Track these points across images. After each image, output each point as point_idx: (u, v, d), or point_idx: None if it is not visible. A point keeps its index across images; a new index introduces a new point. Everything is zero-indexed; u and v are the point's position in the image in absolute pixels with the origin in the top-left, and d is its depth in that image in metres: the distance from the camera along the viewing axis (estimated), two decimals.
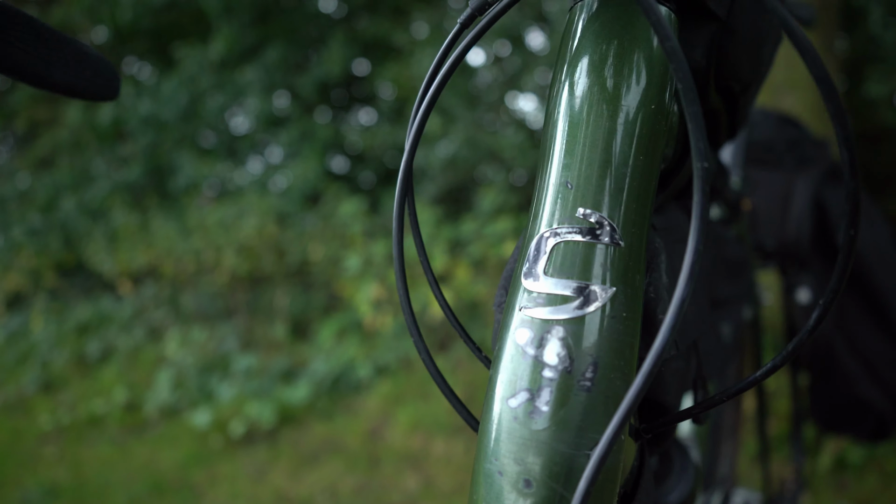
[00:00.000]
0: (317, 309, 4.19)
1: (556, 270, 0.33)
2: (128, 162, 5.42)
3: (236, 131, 5.53)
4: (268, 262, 4.30)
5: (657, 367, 0.29)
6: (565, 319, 0.32)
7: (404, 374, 3.41)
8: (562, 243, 0.33)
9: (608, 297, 0.32)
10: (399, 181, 0.40)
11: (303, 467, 2.76)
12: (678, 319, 0.29)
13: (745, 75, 0.45)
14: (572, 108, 0.35)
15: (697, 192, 0.29)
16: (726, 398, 0.37)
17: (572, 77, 0.36)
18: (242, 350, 3.91)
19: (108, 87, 0.45)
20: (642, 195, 0.34)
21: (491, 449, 0.33)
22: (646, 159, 0.35)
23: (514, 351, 0.33)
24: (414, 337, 0.40)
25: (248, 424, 3.08)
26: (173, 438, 3.16)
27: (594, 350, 0.32)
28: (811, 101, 2.55)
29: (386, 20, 4.87)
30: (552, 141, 0.36)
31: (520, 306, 0.34)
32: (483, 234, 3.62)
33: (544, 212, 0.35)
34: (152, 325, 4.49)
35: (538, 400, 0.32)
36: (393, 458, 2.76)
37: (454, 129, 4.17)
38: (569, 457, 0.31)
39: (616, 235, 0.33)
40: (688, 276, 0.29)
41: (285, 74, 4.99)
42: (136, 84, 5.53)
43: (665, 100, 0.36)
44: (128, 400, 3.57)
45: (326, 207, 4.35)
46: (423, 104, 0.40)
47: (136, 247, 4.61)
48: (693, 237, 0.29)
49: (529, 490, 0.31)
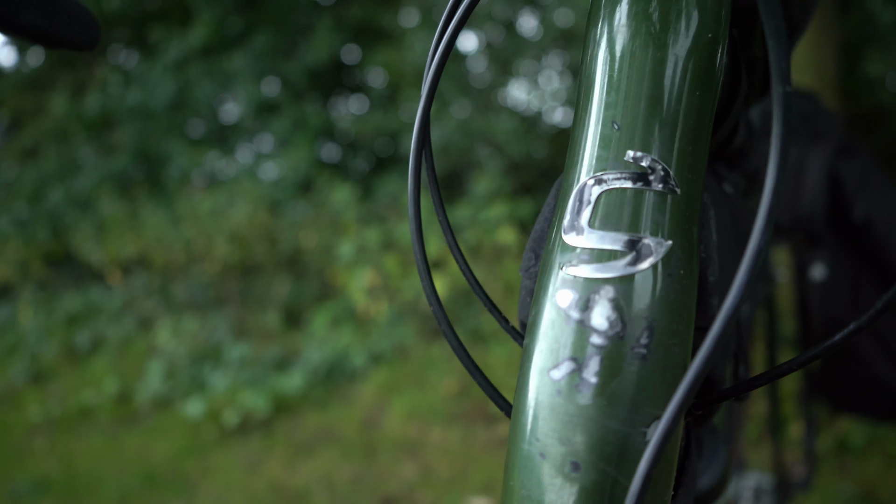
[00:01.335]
0: (310, 297, 4.15)
1: (603, 222, 0.29)
2: (115, 151, 5.35)
3: (226, 120, 5.46)
4: (260, 250, 4.25)
5: (729, 330, 0.25)
6: (615, 278, 0.28)
7: (399, 362, 3.37)
8: (609, 191, 0.29)
9: (664, 252, 0.28)
10: (415, 135, 0.36)
11: (298, 457, 2.72)
12: (754, 273, 0.25)
13: (796, 12, 0.41)
14: (614, 37, 0.31)
15: (778, 122, 0.25)
16: (781, 374, 0.33)
17: (615, 2, 0.31)
18: (235, 339, 3.86)
19: (85, 35, 0.41)
20: (698, 137, 0.30)
21: (530, 429, 0.29)
22: (701, 97, 0.30)
23: (554, 315, 0.29)
24: (434, 307, 0.36)
25: (241, 414, 3.04)
26: (166, 429, 3.11)
27: (649, 312, 0.28)
28: (809, 81, 2.52)
29: (375, 5, 4.81)
30: (592, 78, 0.31)
31: (560, 265, 0.29)
32: (478, 219, 3.58)
33: (585, 157, 0.30)
34: (143, 315, 4.43)
35: (585, 370, 0.28)
36: (389, 446, 2.72)
37: (447, 114, 4.12)
38: (623, 435, 0.27)
39: (671, 181, 0.29)
40: (765, 222, 0.25)
41: (274, 61, 4.93)
42: (124, 73, 5.44)
43: (721, 31, 0.31)
44: (119, 391, 3.52)
45: (318, 195, 4.30)
46: (440, 47, 0.35)
47: (125, 236, 4.54)
48: (771, 176, 0.25)
49: (577, 473, 0.27)
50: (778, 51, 0.25)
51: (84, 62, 5.66)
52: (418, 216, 0.36)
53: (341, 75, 5.45)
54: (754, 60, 0.46)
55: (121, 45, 5.81)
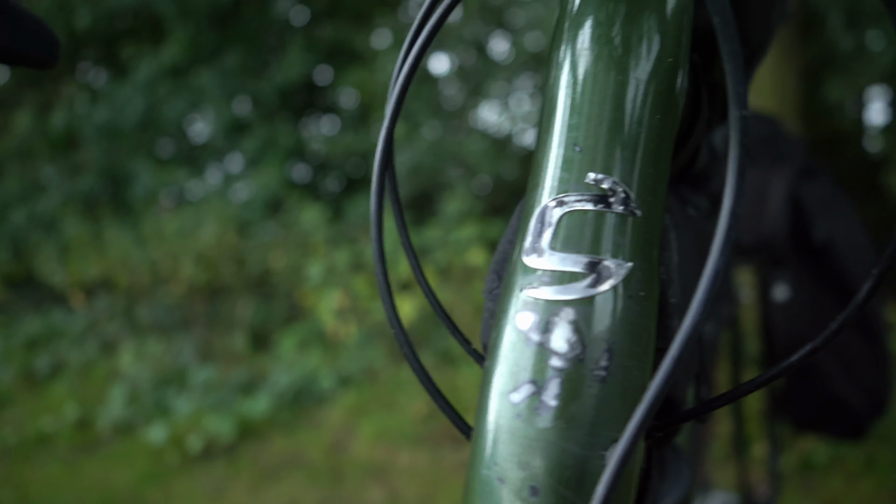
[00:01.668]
0: (278, 319, 4.10)
1: (564, 244, 0.29)
2: (81, 171, 5.26)
3: (195, 140, 5.41)
4: (227, 271, 4.19)
5: (687, 351, 0.25)
6: (576, 300, 0.28)
7: (368, 385, 3.34)
8: (570, 213, 0.29)
9: (624, 274, 0.28)
10: (377, 157, 0.36)
11: (263, 482, 2.67)
12: (712, 294, 0.25)
13: (755, 40, 0.41)
14: (577, 61, 0.31)
15: (735, 146, 0.25)
16: (740, 395, 0.33)
17: (577, 26, 0.32)
18: (200, 362, 3.79)
19: (45, 52, 0.40)
20: (659, 159, 0.30)
21: (489, 453, 0.28)
22: (661, 119, 0.31)
23: (515, 338, 0.29)
24: (395, 330, 0.36)
25: (206, 439, 2.98)
26: (127, 456, 3.04)
27: (608, 334, 0.28)
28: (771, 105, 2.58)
29: (348, 26, 4.83)
30: (555, 101, 0.31)
31: (521, 287, 0.29)
32: (448, 240, 3.59)
33: (547, 179, 0.30)
34: (105, 338, 4.34)
35: (545, 393, 0.27)
36: (357, 470, 2.69)
37: (418, 135, 4.13)
38: (582, 458, 0.27)
39: (631, 204, 0.29)
40: (723, 244, 0.25)
41: (245, 80, 4.91)
42: (91, 91, 5.37)
43: (681, 55, 0.32)
44: (79, 417, 3.42)
45: (288, 216, 4.27)
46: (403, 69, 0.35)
47: (88, 257, 4.45)
48: (728, 198, 0.25)
49: (536, 498, 0.27)
50: (735, 76, 0.25)
51: (51, 80, 5.58)
52: (380, 240, 0.35)
53: (313, 96, 5.45)
54: (716, 84, 0.47)
55: (89, 64, 5.74)
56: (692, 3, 0.33)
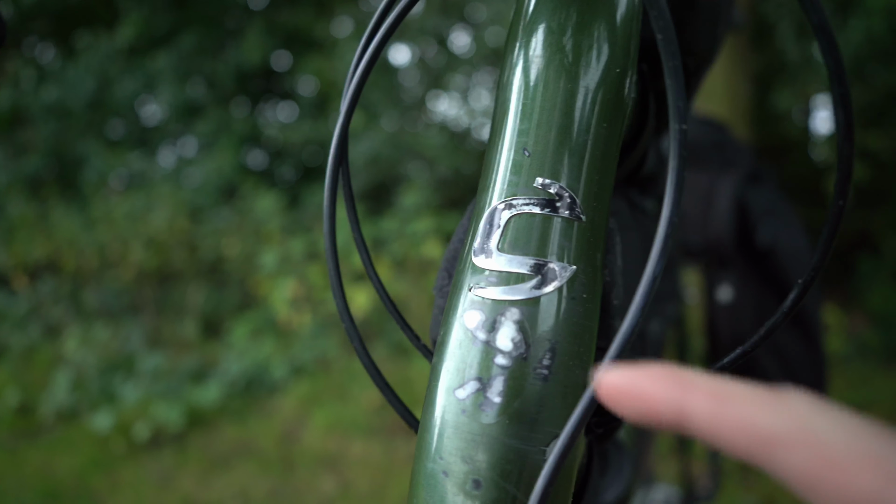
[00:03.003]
0: (230, 307, 4.04)
1: (512, 246, 0.30)
2: (27, 150, 5.09)
3: (147, 121, 5.29)
4: (179, 257, 4.11)
5: (625, 351, 0.26)
6: (521, 300, 0.29)
7: (322, 375, 3.33)
8: (518, 216, 0.30)
9: (568, 276, 0.29)
10: (332, 151, 0.36)
11: (213, 471, 2.64)
12: (650, 298, 0.26)
13: (701, 51, 0.43)
14: (529, 66, 0.32)
15: (674, 157, 0.26)
16: None
17: (530, 34, 0.32)
18: (149, 349, 3.72)
19: None
20: (605, 166, 0.31)
21: (434, 447, 0.29)
22: (608, 128, 0.32)
23: (462, 336, 0.30)
24: (346, 324, 0.36)
25: (153, 427, 2.93)
26: (71, 443, 2.96)
27: (552, 334, 0.29)
28: (723, 111, 2.64)
29: (308, 13, 4.77)
30: (506, 105, 0.32)
31: (469, 286, 0.30)
32: (404, 232, 3.58)
33: (497, 182, 0.31)
34: (50, 322, 4.21)
35: (489, 390, 0.28)
36: (308, 460, 2.68)
37: (376, 126, 4.11)
38: (523, 453, 0.28)
39: (577, 209, 0.30)
40: (660, 251, 0.26)
41: (200, 62, 4.81)
42: (38, 68, 5.20)
43: (629, 65, 0.33)
44: (20, 402, 3.33)
45: (243, 202, 4.21)
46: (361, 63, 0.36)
47: (33, 239, 4.32)
48: (667, 207, 0.26)
49: (478, 491, 0.28)
50: (676, 91, 0.26)
51: None
52: (333, 235, 0.36)
53: (270, 81, 5.37)
54: (663, 93, 0.48)
55: (36, 38, 5.55)
56: (640, 15, 0.34)
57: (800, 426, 0.19)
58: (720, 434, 0.21)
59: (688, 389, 0.22)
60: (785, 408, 0.20)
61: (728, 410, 0.21)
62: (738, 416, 0.20)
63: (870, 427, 0.19)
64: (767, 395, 0.20)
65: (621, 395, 0.24)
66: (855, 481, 0.18)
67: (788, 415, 0.20)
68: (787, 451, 0.19)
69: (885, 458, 0.18)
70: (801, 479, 0.19)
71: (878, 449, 0.18)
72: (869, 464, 0.18)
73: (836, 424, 0.19)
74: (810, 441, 0.19)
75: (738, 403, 0.21)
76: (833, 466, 0.18)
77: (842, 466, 0.18)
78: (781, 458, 0.19)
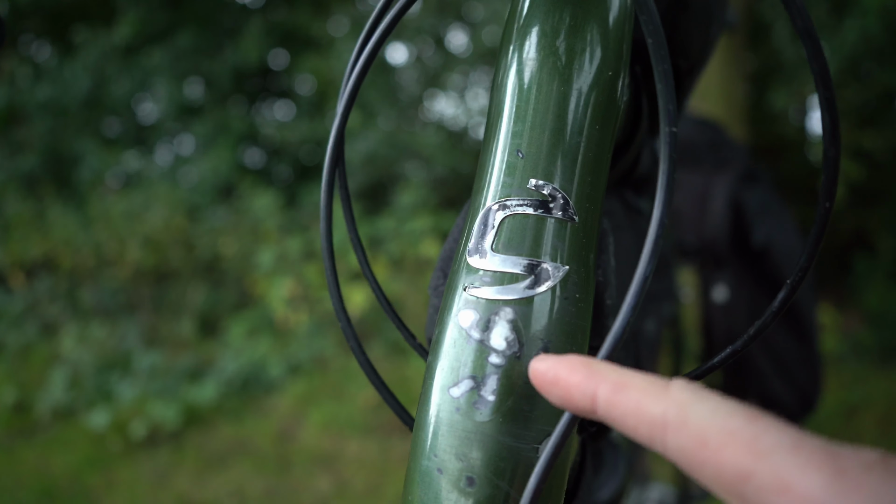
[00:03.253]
0: (227, 305, 4.04)
1: (505, 246, 0.30)
2: (23, 149, 5.07)
3: (144, 120, 5.28)
4: (175, 255, 4.11)
5: (615, 352, 0.27)
6: (515, 300, 0.29)
7: (318, 374, 3.33)
8: (512, 216, 0.30)
9: (560, 277, 0.30)
10: (329, 151, 0.36)
11: (208, 470, 2.64)
12: (640, 298, 0.26)
13: (693, 52, 0.43)
14: (523, 68, 0.32)
15: (665, 159, 0.27)
16: None
17: (524, 37, 0.33)
18: (146, 347, 3.72)
19: None
20: (597, 168, 0.32)
21: (429, 444, 0.29)
22: (601, 130, 0.32)
23: (456, 335, 0.30)
24: (342, 323, 0.36)
25: (150, 426, 2.93)
26: (67, 441, 2.96)
27: (545, 334, 0.29)
28: (719, 110, 2.65)
29: (305, 12, 4.77)
30: (500, 107, 0.33)
31: (464, 286, 0.31)
32: (401, 231, 3.59)
33: (491, 183, 0.32)
34: (46, 320, 4.21)
35: (483, 389, 0.29)
36: (304, 459, 2.68)
37: (374, 125, 4.11)
38: (516, 451, 0.28)
39: (570, 210, 0.31)
40: (651, 252, 0.26)
41: (198, 61, 4.80)
42: (35, 66, 5.18)
43: (621, 67, 0.33)
44: (17, 400, 3.32)
45: (240, 201, 4.21)
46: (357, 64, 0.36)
47: (30, 237, 4.31)
48: (658, 208, 0.26)
49: (472, 489, 0.28)
50: (666, 94, 0.27)
51: None
52: (330, 233, 0.36)
53: (268, 80, 5.37)
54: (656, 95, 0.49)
55: (32, 36, 5.53)
56: (632, 18, 0.34)
57: (681, 411, 0.21)
58: (619, 419, 0.23)
59: (595, 378, 0.24)
60: (671, 395, 0.22)
61: (625, 398, 0.23)
62: (633, 403, 0.23)
63: (742, 410, 0.21)
64: (658, 384, 0.23)
65: (545, 382, 0.26)
66: (723, 456, 0.20)
67: (673, 401, 0.22)
68: (672, 434, 0.21)
69: (750, 435, 0.20)
70: (684, 458, 0.21)
71: (744, 427, 0.20)
72: (735, 440, 0.20)
73: (712, 409, 0.21)
74: (690, 424, 0.21)
75: (633, 392, 0.23)
76: (707, 445, 0.20)
77: (713, 444, 0.20)
78: (668, 440, 0.22)
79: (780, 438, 0.19)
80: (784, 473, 0.19)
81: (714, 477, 0.20)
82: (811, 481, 0.18)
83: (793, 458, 0.19)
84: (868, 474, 0.18)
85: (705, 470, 0.21)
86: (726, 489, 0.20)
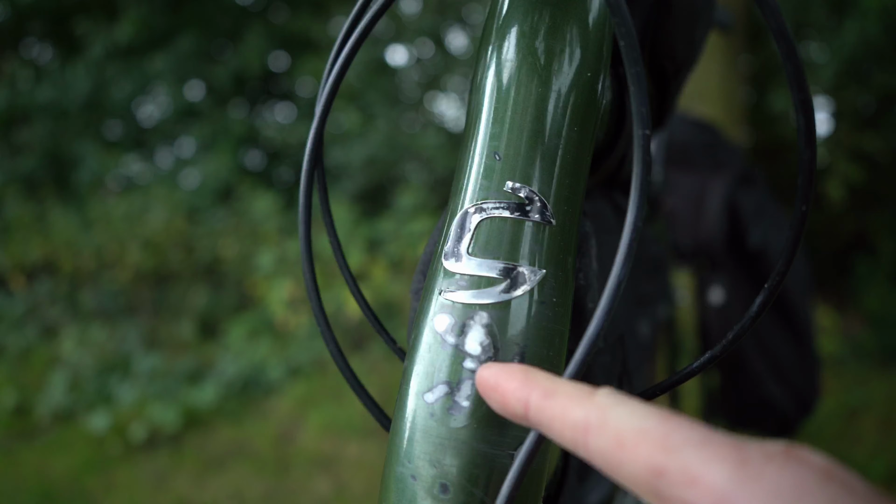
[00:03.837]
0: (227, 308, 4.04)
1: (481, 250, 0.30)
2: (23, 151, 5.08)
3: (145, 122, 5.28)
4: (175, 258, 4.11)
5: (590, 357, 0.26)
6: (490, 304, 0.29)
7: (318, 376, 3.32)
8: (489, 219, 0.30)
9: (537, 281, 0.29)
10: (307, 152, 0.36)
11: (208, 473, 2.64)
12: (614, 303, 0.26)
13: (679, 55, 0.43)
14: (501, 69, 0.32)
15: (638, 162, 0.26)
16: (660, 392, 0.34)
17: (502, 38, 0.32)
18: (146, 350, 3.72)
19: None
20: (575, 171, 0.31)
21: (404, 450, 0.29)
22: (580, 132, 0.32)
23: (432, 339, 0.30)
24: (321, 327, 0.36)
25: (149, 428, 2.93)
26: (67, 444, 2.96)
27: (521, 339, 0.29)
28: (718, 112, 2.64)
29: (305, 14, 4.77)
30: (479, 108, 0.32)
31: (439, 290, 0.30)
32: (401, 233, 3.58)
33: (469, 186, 0.31)
34: (47, 322, 4.21)
35: (458, 394, 0.28)
36: (304, 462, 2.68)
37: (374, 127, 4.11)
38: (490, 457, 0.28)
39: (547, 213, 0.30)
40: (625, 256, 0.26)
41: (199, 64, 4.80)
42: (35, 68, 5.19)
43: (601, 68, 0.33)
44: (17, 403, 3.32)
45: (240, 203, 4.21)
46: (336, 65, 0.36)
47: (30, 239, 4.31)
48: (632, 212, 0.26)
49: (446, 496, 0.28)
50: (638, 96, 0.26)
51: None
52: (308, 236, 0.36)
53: (268, 82, 5.37)
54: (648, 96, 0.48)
55: (34, 39, 5.54)
56: None
57: (602, 415, 0.22)
58: (547, 424, 0.24)
59: (529, 385, 0.25)
60: (593, 401, 0.23)
61: (552, 403, 0.24)
62: (559, 408, 0.24)
63: (657, 412, 0.22)
64: (585, 391, 0.24)
65: (486, 388, 0.27)
66: (638, 454, 0.21)
67: (595, 406, 0.23)
68: (592, 437, 0.22)
69: (662, 433, 0.21)
70: (603, 460, 0.22)
71: (656, 426, 0.21)
72: (648, 438, 0.21)
73: (630, 412, 0.22)
74: (608, 426, 0.22)
75: (560, 398, 0.24)
76: (623, 445, 0.21)
77: (629, 444, 0.21)
78: (590, 442, 0.22)
79: (690, 435, 0.21)
80: (692, 467, 0.20)
81: (631, 476, 0.21)
82: (716, 473, 0.19)
83: (700, 452, 0.20)
84: (769, 464, 0.19)
85: (623, 469, 0.22)
86: (643, 487, 0.21)
